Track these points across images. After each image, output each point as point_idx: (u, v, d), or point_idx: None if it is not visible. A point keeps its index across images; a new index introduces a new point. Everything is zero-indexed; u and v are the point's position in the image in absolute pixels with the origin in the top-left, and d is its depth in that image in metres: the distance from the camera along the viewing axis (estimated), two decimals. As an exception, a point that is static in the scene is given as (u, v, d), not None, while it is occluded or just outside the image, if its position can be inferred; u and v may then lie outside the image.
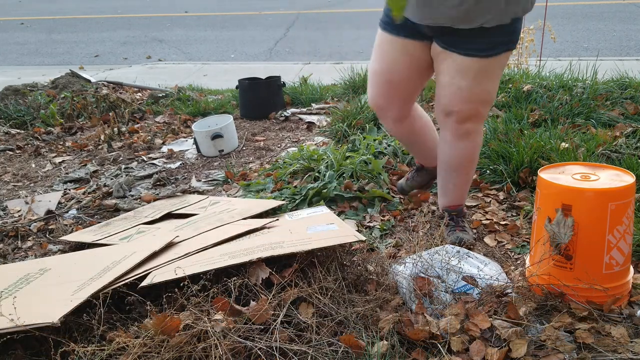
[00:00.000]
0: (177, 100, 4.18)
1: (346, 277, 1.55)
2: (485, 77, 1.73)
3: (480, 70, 1.71)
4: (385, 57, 1.86)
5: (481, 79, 1.72)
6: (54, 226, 2.33)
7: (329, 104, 3.88)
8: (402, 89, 1.90)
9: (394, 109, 1.95)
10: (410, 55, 1.82)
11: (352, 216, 2.23)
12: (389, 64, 1.86)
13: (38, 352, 1.40)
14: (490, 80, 1.75)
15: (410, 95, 1.95)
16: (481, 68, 1.71)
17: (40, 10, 11.00)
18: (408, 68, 1.85)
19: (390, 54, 1.84)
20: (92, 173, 2.94)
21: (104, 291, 1.41)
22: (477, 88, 1.73)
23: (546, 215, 1.52)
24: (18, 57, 6.95)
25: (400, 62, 1.84)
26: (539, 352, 1.35)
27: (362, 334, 1.36)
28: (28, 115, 3.90)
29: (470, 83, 1.72)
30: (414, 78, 1.88)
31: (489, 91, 1.77)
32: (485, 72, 1.72)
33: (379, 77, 1.90)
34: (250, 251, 1.54)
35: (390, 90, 1.90)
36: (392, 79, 1.87)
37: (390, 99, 1.92)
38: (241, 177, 2.77)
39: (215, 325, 1.27)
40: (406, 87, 1.90)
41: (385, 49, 1.85)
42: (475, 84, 1.72)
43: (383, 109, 1.96)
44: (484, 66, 1.70)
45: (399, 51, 1.82)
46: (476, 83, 1.72)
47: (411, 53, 1.81)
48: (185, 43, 7.31)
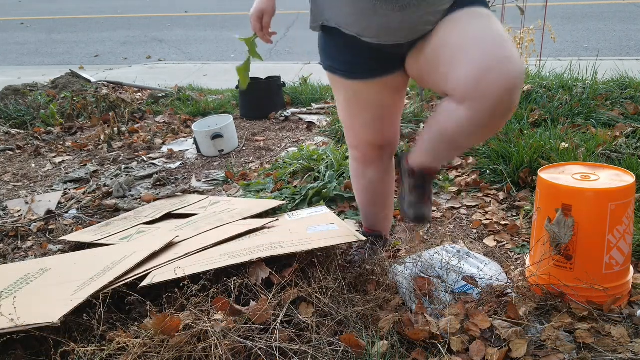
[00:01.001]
0: (177, 100, 4.18)
1: (346, 277, 1.55)
2: (493, 17, 1.32)
3: (489, 12, 1.32)
4: (369, 106, 1.51)
5: (494, 19, 1.30)
6: (54, 226, 2.33)
7: (329, 104, 3.88)
8: (397, 113, 1.62)
9: (391, 136, 1.63)
10: (397, 85, 1.51)
11: (352, 216, 2.23)
12: (377, 108, 1.52)
13: (38, 352, 1.40)
14: None
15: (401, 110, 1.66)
16: (488, 12, 1.32)
17: (40, 10, 11.00)
18: (398, 96, 1.56)
19: (375, 98, 1.50)
20: (92, 173, 2.94)
21: (104, 291, 1.41)
22: (498, 25, 1.27)
23: (546, 216, 1.52)
24: (18, 57, 6.95)
25: (388, 99, 1.52)
26: (539, 352, 1.35)
27: (362, 334, 1.36)
28: (28, 115, 3.90)
29: (489, 24, 1.27)
30: (402, 97, 1.61)
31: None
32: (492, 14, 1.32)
33: (370, 127, 1.57)
34: (250, 251, 1.54)
35: (385, 123, 1.58)
36: (384, 115, 1.55)
37: (385, 130, 1.60)
38: (241, 177, 2.77)
39: (215, 325, 1.27)
40: (399, 110, 1.62)
41: (364, 98, 1.50)
42: (493, 22, 1.28)
43: (379, 145, 1.62)
44: (487, 11, 1.32)
45: (384, 90, 1.49)
46: (494, 22, 1.28)
47: (397, 83, 1.50)
48: (185, 43, 7.30)
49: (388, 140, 1.63)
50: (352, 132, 1.63)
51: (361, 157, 1.67)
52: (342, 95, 1.54)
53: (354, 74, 1.46)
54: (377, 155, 1.64)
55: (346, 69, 1.46)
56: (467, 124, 1.24)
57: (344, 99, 1.54)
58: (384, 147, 1.64)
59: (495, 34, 1.23)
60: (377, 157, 1.65)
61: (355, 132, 1.61)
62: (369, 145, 1.62)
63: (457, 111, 1.25)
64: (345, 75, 1.47)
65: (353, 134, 1.62)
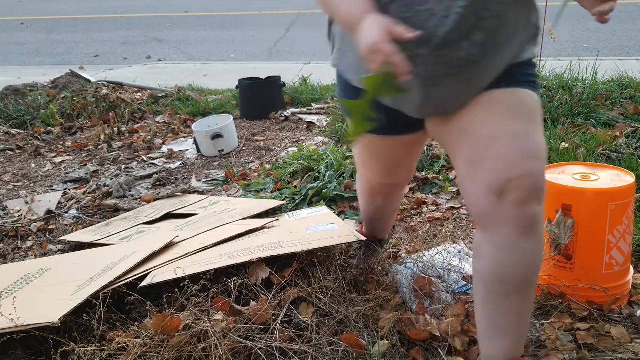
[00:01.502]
0: (177, 100, 4.17)
1: (346, 277, 1.54)
2: (538, 114, 1.12)
3: (535, 104, 1.12)
4: (382, 157, 1.44)
5: (537, 118, 1.11)
6: (54, 226, 2.33)
7: (329, 104, 3.88)
8: (412, 160, 1.54)
9: (404, 177, 1.60)
10: (415, 141, 1.39)
11: (352, 216, 2.23)
12: (391, 160, 1.44)
13: (38, 352, 1.39)
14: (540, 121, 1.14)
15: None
16: (535, 101, 1.13)
17: (40, 10, 11.00)
18: (415, 149, 1.47)
19: (389, 153, 1.41)
20: (92, 173, 2.94)
21: (104, 291, 1.41)
22: (536, 133, 1.08)
23: (546, 217, 1.52)
24: (18, 57, 6.94)
25: (402, 153, 1.43)
26: (539, 352, 1.35)
27: (362, 334, 1.36)
28: (28, 115, 3.90)
29: (527, 126, 1.07)
30: (421, 146, 1.52)
31: (543, 140, 1.11)
32: (538, 108, 1.13)
33: (382, 172, 1.50)
34: (250, 251, 1.54)
35: (399, 169, 1.51)
36: (399, 164, 1.47)
37: (398, 174, 1.53)
38: (241, 177, 2.77)
39: (215, 325, 1.27)
40: (415, 157, 1.54)
41: (377, 151, 1.42)
42: (533, 127, 1.08)
43: (391, 184, 1.58)
44: (536, 99, 1.13)
45: (399, 147, 1.39)
46: (533, 125, 1.09)
47: (415, 140, 1.37)
48: (185, 43, 7.30)
49: (400, 180, 1.59)
50: (363, 167, 1.56)
51: (370, 187, 1.62)
52: (359, 145, 1.47)
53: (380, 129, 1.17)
54: (388, 189, 1.60)
55: None
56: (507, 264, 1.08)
57: (362, 144, 1.45)
58: (397, 185, 1.61)
59: (528, 143, 1.04)
60: (388, 190, 1.61)
61: (367, 169, 1.54)
62: (380, 182, 1.56)
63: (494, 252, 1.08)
64: None
65: (364, 169, 1.56)
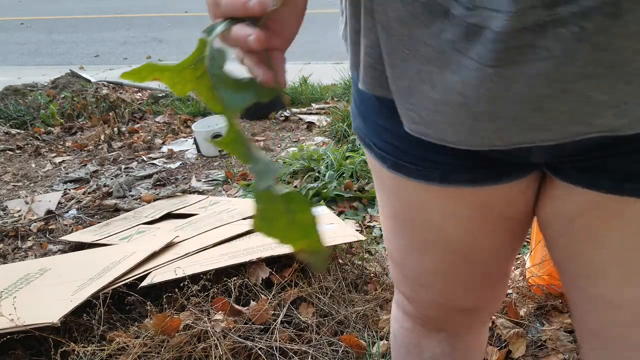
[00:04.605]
0: (177, 100, 4.17)
1: (346, 277, 1.55)
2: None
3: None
4: (441, 236, 0.67)
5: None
6: (54, 226, 2.33)
7: (329, 104, 3.88)
8: (503, 249, 0.73)
9: (485, 298, 0.79)
10: (509, 202, 0.62)
11: (352, 216, 2.23)
12: (456, 242, 0.67)
13: (38, 352, 1.39)
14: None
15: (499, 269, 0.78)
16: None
17: (40, 10, 11.00)
18: (509, 222, 0.66)
19: (459, 236, 0.66)
20: (92, 173, 2.94)
21: (104, 291, 1.41)
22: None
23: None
24: (18, 57, 6.94)
25: (479, 225, 0.65)
26: (539, 352, 1.35)
27: (362, 334, 1.36)
28: (28, 115, 3.90)
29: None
30: (503, 242, 0.71)
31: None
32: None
33: (440, 277, 0.72)
34: (250, 251, 1.54)
35: (476, 270, 0.72)
36: (474, 260, 0.70)
37: (471, 281, 0.74)
38: (241, 177, 2.77)
39: (215, 325, 1.27)
40: (490, 263, 0.73)
41: (429, 224, 0.67)
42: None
43: (457, 309, 0.78)
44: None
45: (469, 211, 0.63)
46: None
47: (491, 206, 0.63)
48: (185, 43, 7.30)
49: (481, 300, 0.78)
50: (400, 271, 0.77)
51: (418, 317, 0.81)
52: (387, 197, 0.70)
53: (419, 170, 0.60)
54: (451, 321, 0.80)
55: (399, 155, 0.61)
56: None
57: (389, 205, 0.70)
58: (469, 312, 0.79)
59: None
60: (452, 325, 0.81)
61: (409, 274, 0.75)
62: (435, 305, 0.77)
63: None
64: (397, 167, 0.62)
65: (402, 274, 0.77)
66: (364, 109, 0.65)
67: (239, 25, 0.44)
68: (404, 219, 0.69)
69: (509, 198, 0.61)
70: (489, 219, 0.64)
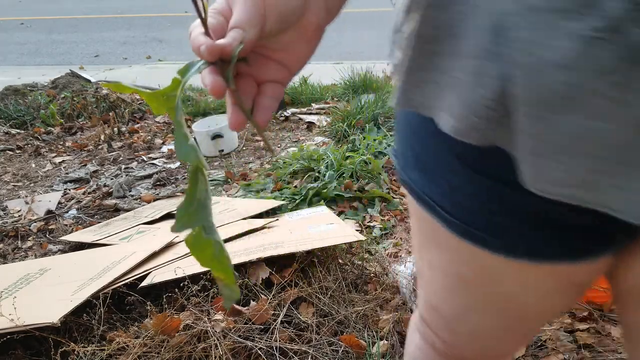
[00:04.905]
0: (177, 100, 4.18)
1: (346, 277, 1.55)
2: None
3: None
4: (511, 303, 0.59)
5: None
6: (54, 226, 2.33)
7: (329, 104, 3.88)
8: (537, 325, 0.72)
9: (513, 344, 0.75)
10: (566, 283, 0.55)
11: (352, 216, 2.23)
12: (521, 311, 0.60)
13: (38, 352, 1.39)
14: None
15: None
16: None
17: (40, 10, 10.99)
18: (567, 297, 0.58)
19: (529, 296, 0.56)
20: (92, 173, 2.94)
21: (104, 291, 1.41)
22: None
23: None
24: (18, 57, 6.94)
25: (550, 298, 0.57)
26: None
27: (362, 334, 1.36)
28: (28, 115, 3.90)
29: None
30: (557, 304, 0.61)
31: None
32: None
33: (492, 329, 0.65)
34: (250, 251, 1.54)
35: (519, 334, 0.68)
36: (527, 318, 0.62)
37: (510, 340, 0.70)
38: (241, 177, 2.77)
39: (215, 325, 1.27)
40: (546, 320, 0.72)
41: (509, 291, 0.57)
42: None
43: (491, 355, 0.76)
44: None
45: (555, 284, 0.54)
46: None
47: (569, 280, 0.54)
48: (185, 43, 7.28)
49: (512, 351, 0.80)
50: (446, 324, 0.70)
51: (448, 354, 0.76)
52: (446, 257, 0.60)
53: (503, 247, 0.51)
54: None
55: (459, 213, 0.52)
56: None
57: (449, 263, 0.60)
58: (502, 357, 0.79)
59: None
60: None
61: (458, 328, 0.69)
62: (473, 352, 0.73)
63: None
64: (467, 235, 0.52)
65: (448, 327, 0.70)
66: (432, 163, 0.53)
67: (196, 32, 0.43)
68: (468, 282, 0.59)
69: (599, 267, 0.52)
70: (569, 288, 0.56)
